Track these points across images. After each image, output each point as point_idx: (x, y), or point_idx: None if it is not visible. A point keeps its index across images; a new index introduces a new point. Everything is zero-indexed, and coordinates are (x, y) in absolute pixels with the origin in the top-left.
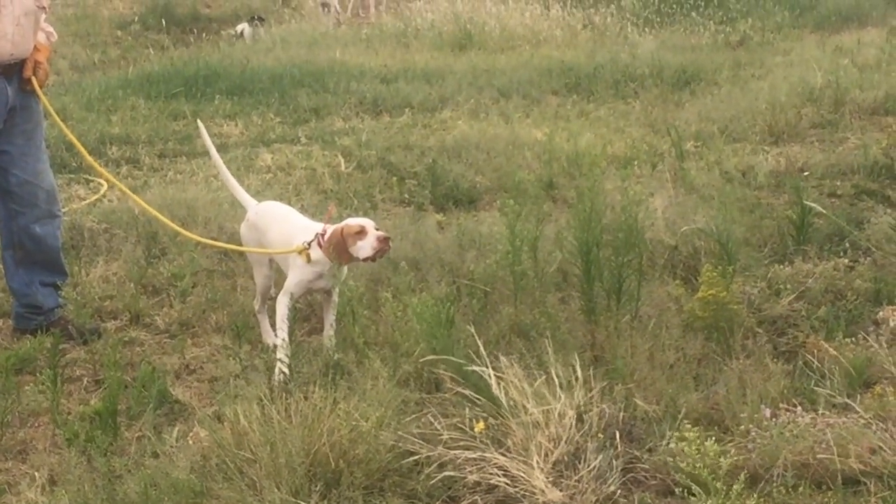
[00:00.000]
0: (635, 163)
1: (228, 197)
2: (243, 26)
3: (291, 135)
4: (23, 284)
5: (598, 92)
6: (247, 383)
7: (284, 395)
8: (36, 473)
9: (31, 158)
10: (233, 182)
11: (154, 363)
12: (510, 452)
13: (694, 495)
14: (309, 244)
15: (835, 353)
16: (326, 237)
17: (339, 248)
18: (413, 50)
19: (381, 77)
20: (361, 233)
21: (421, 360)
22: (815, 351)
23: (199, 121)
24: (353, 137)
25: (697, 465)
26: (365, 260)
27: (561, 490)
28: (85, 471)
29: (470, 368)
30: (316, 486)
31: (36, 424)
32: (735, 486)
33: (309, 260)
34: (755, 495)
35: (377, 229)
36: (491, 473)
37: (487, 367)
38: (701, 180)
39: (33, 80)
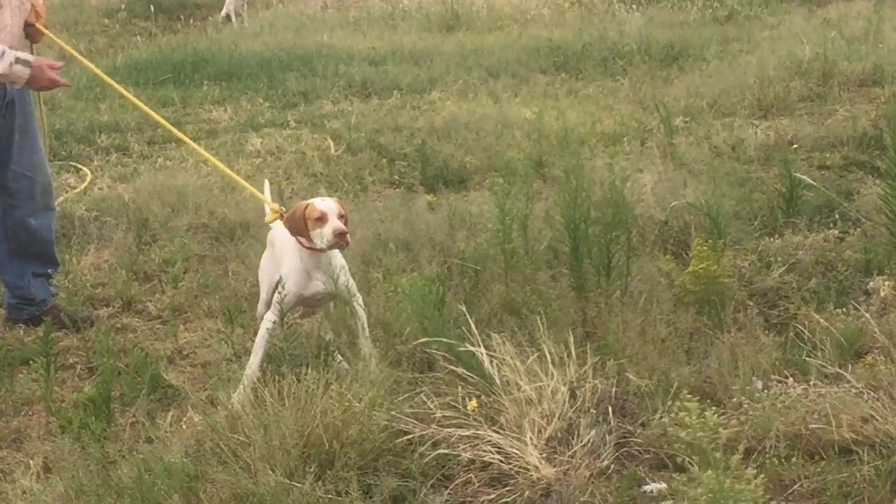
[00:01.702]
0: (624, 139)
1: (219, 182)
2: (227, 5)
3: (280, 119)
4: (16, 277)
5: (587, 70)
6: (240, 367)
7: (277, 377)
8: (30, 461)
9: (28, 152)
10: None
11: (147, 349)
12: (503, 430)
13: (693, 465)
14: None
15: (826, 324)
16: (289, 213)
17: (297, 226)
18: (401, 32)
19: (370, 59)
20: (321, 219)
21: (413, 343)
22: (807, 322)
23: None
24: (343, 120)
25: (698, 436)
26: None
27: (554, 466)
28: (79, 457)
29: (462, 347)
30: (310, 467)
31: (30, 412)
32: (735, 457)
33: (281, 218)
34: (750, 466)
35: (341, 216)
36: (484, 451)
37: (479, 346)
38: (690, 155)
39: (38, 26)
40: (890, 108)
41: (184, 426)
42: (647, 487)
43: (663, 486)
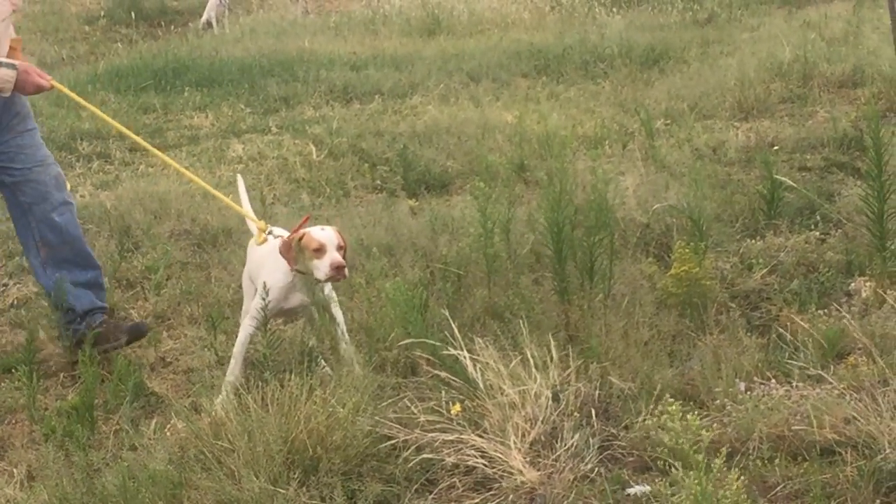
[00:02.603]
0: (606, 142)
1: (201, 189)
2: (207, 11)
3: (262, 125)
4: (53, 283)
5: (568, 73)
6: (222, 374)
7: (261, 383)
8: (14, 470)
9: (31, 149)
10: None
11: (129, 357)
12: (487, 434)
13: (674, 469)
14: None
15: (808, 325)
16: (284, 240)
17: (291, 255)
18: (382, 37)
19: (351, 65)
20: (320, 251)
21: (398, 344)
22: (789, 324)
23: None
24: (324, 125)
25: (679, 440)
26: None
27: (538, 469)
28: (63, 465)
29: (445, 351)
30: (294, 473)
31: (13, 421)
32: (717, 460)
33: (264, 232)
34: (733, 469)
35: (339, 248)
36: (468, 455)
37: (462, 350)
38: (672, 158)
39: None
40: (870, 110)
41: (167, 433)
42: (631, 490)
43: (647, 488)
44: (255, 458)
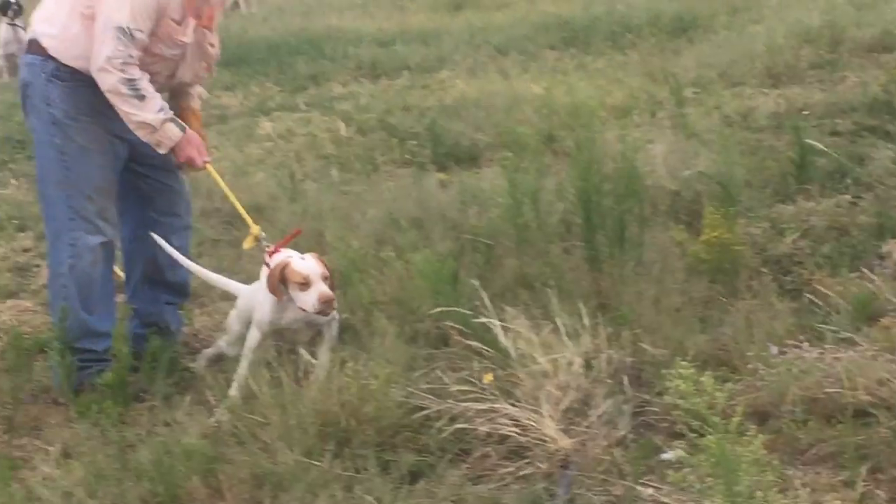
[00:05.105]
0: (634, 112)
1: (230, 166)
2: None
3: (290, 102)
4: (148, 302)
5: (596, 44)
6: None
7: (294, 357)
8: (50, 448)
9: (169, 163)
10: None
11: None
12: (520, 402)
13: (696, 432)
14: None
15: (840, 288)
16: (270, 272)
17: (276, 290)
18: (409, 12)
19: (378, 41)
20: (305, 284)
21: (429, 313)
22: (821, 287)
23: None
24: (352, 102)
25: (695, 401)
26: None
27: (571, 437)
28: (98, 442)
29: (477, 320)
30: (328, 445)
31: (47, 400)
32: (734, 420)
33: (255, 242)
34: (766, 431)
35: (325, 278)
36: (501, 424)
37: (494, 319)
38: (701, 125)
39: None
40: None
41: (202, 408)
42: (664, 455)
43: (681, 453)
44: (288, 431)
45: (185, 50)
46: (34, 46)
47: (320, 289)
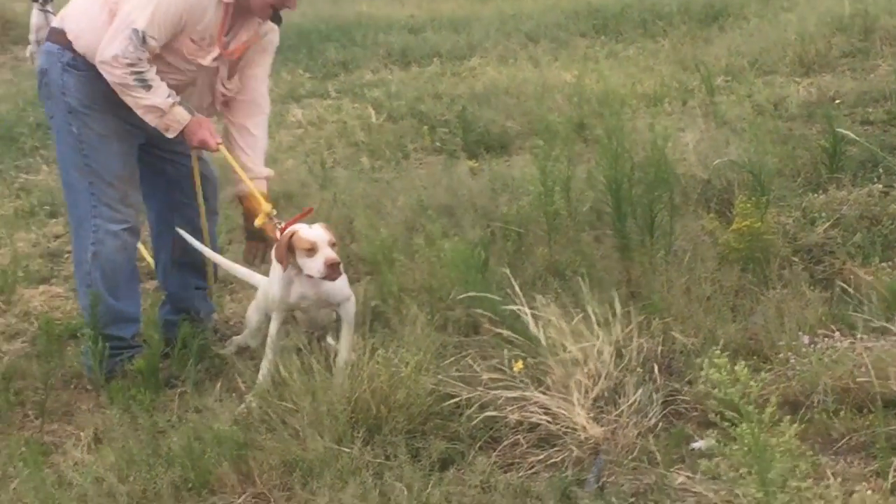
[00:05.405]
0: (665, 100)
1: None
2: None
3: (321, 89)
4: (179, 287)
5: (627, 32)
6: (286, 334)
7: (323, 344)
8: (81, 433)
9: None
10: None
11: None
12: (550, 390)
13: (728, 422)
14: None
15: (871, 278)
16: (277, 241)
17: (283, 255)
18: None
19: (409, 28)
20: (312, 250)
21: (459, 298)
22: (852, 277)
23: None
24: (383, 89)
25: (729, 391)
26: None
27: (602, 425)
28: (129, 428)
29: (507, 308)
30: (358, 432)
31: (80, 386)
32: (768, 410)
33: (268, 217)
34: (797, 421)
35: (332, 244)
36: (532, 412)
37: (524, 307)
38: (732, 114)
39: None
40: None
41: (232, 395)
42: (694, 445)
43: (712, 442)
44: (319, 417)
45: (199, 72)
46: (55, 35)
47: (326, 254)
